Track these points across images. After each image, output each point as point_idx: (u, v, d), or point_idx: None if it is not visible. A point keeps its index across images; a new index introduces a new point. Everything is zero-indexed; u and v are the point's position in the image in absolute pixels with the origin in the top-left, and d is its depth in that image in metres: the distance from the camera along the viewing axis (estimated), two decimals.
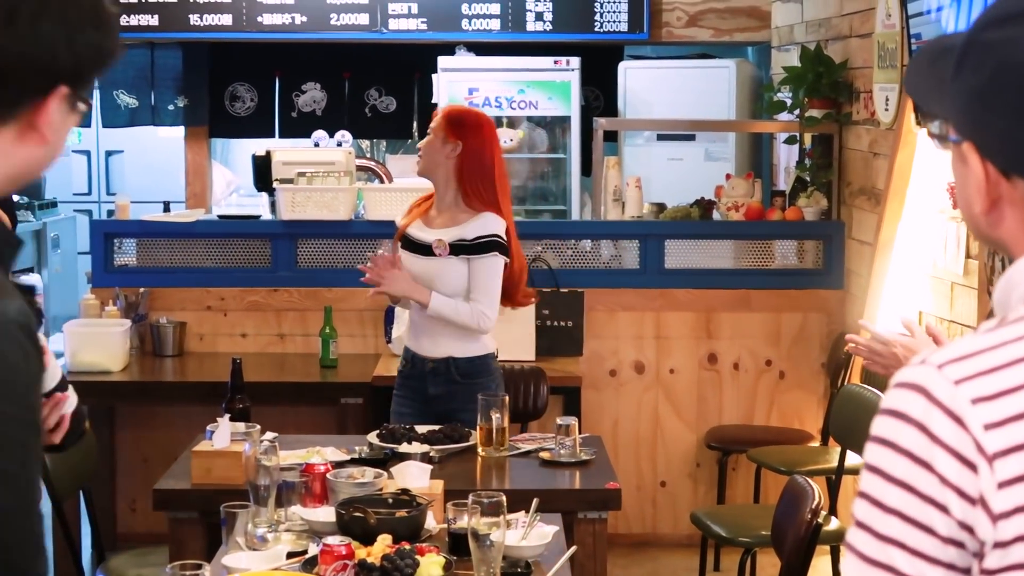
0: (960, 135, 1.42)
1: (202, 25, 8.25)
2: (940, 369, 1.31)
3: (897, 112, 5.68)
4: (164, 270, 6.48)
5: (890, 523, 1.31)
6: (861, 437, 5.05)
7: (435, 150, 4.79)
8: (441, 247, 4.74)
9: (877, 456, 1.33)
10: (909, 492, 1.30)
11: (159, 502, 4.12)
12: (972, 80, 1.39)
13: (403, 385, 4.92)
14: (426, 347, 4.83)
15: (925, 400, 1.30)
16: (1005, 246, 1.44)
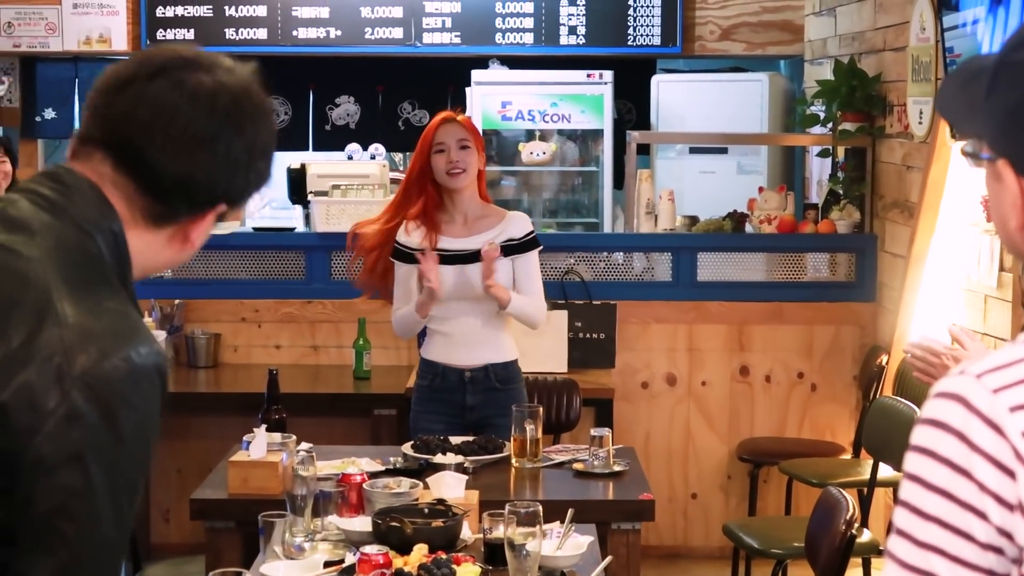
0: (995, 153, 1.45)
1: (237, 39, 8.30)
2: (979, 379, 1.34)
3: (931, 125, 5.69)
4: (199, 282, 6.53)
5: (930, 530, 1.33)
6: (895, 449, 5.07)
7: (475, 162, 4.84)
8: (493, 250, 4.77)
9: (917, 465, 1.36)
10: (949, 499, 1.32)
11: (196, 511, 4.15)
12: (1005, 99, 1.42)
13: (432, 399, 4.90)
14: (462, 357, 4.85)
15: (964, 409, 1.33)
16: None
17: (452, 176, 4.81)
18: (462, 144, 4.81)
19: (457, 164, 4.79)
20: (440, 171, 4.82)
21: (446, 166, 4.80)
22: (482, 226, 4.87)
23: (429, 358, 4.94)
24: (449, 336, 4.89)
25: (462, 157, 4.80)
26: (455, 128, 4.84)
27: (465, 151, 4.81)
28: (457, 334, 4.86)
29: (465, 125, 4.88)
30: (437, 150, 4.82)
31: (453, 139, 4.80)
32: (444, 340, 4.90)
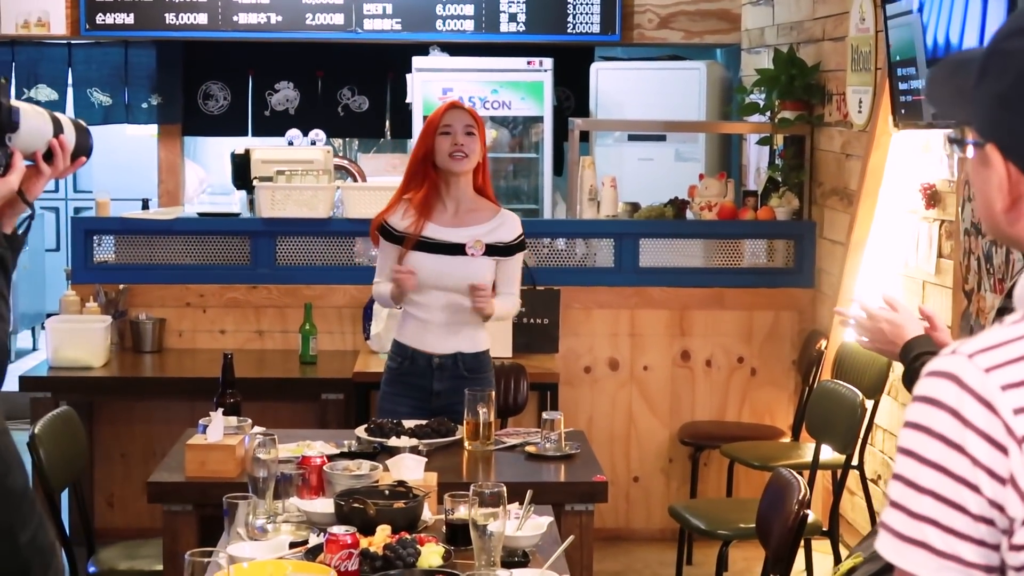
0: (983, 138, 1.52)
1: (177, 24, 8.29)
2: (971, 358, 1.40)
3: (871, 114, 5.80)
4: (144, 267, 6.53)
5: (924, 502, 1.40)
6: (836, 432, 5.18)
7: (479, 149, 4.86)
8: (478, 248, 4.81)
9: (911, 440, 1.42)
10: (942, 473, 1.39)
11: (154, 495, 4.17)
12: (996, 86, 1.49)
13: (398, 382, 4.93)
14: (433, 343, 4.89)
15: (957, 387, 1.39)
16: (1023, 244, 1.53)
17: (455, 159, 4.81)
18: (468, 130, 4.82)
19: (461, 148, 4.80)
20: (443, 153, 4.82)
21: (450, 148, 4.81)
22: (472, 219, 4.89)
23: (401, 341, 4.96)
24: (423, 322, 4.90)
25: (467, 142, 4.81)
26: (462, 114, 4.87)
27: (470, 137, 4.82)
28: (431, 321, 4.89)
29: (471, 113, 4.90)
30: (443, 132, 4.83)
31: (460, 123, 4.82)
32: (418, 325, 4.92)
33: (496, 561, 3.15)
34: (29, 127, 2.41)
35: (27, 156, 2.40)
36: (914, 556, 1.40)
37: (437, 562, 3.16)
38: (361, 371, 5.91)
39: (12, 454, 1.70)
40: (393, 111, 9.18)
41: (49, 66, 8.97)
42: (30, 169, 2.43)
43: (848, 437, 5.15)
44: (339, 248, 6.58)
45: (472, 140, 4.83)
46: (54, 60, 9.00)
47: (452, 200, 4.90)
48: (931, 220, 5.37)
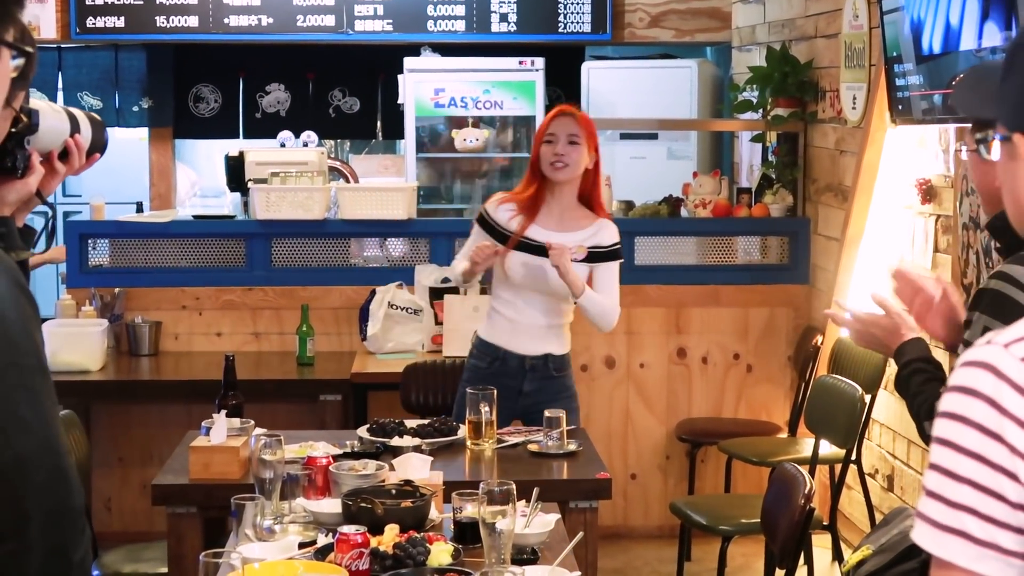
0: (1010, 129, 1.53)
1: (168, 27, 8.29)
2: (1007, 348, 1.41)
3: (865, 110, 5.81)
4: (139, 270, 6.53)
5: (962, 491, 1.40)
6: (835, 427, 5.20)
7: (583, 159, 4.84)
8: (580, 252, 4.82)
9: (948, 430, 1.43)
10: (980, 462, 1.39)
11: (158, 497, 4.16)
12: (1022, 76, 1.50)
13: (487, 380, 4.85)
14: (525, 345, 4.91)
15: (994, 377, 1.40)
16: None
17: (555, 168, 4.82)
18: (571, 139, 4.81)
19: (561, 158, 4.80)
20: (545, 161, 4.83)
21: (551, 157, 4.82)
22: (573, 225, 4.89)
23: (491, 341, 4.98)
24: (515, 323, 4.92)
25: (568, 152, 4.80)
26: (568, 122, 4.85)
27: (573, 147, 4.81)
28: (523, 322, 4.91)
29: (580, 121, 4.87)
30: (547, 140, 4.84)
31: (563, 132, 4.82)
32: (509, 326, 4.93)
33: (506, 559, 3.16)
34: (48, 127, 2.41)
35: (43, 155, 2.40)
36: (952, 545, 1.41)
37: (447, 561, 3.17)
38: (359, 372, 5.92)
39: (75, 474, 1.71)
40: (384, 112, 9.19)
41: (39, 70, 8.76)
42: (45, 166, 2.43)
43: (848, 432, 5.17)
44: (335, 249, 6.58)
45: (575, 149, 4.81)
46: (44, 64, 8.97)
47: (557, 204, 4.90)
48: (927, 215, 5.39)
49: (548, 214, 4.90)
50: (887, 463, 5.86)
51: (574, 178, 4.87)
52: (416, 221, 6.67)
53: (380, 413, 5.39)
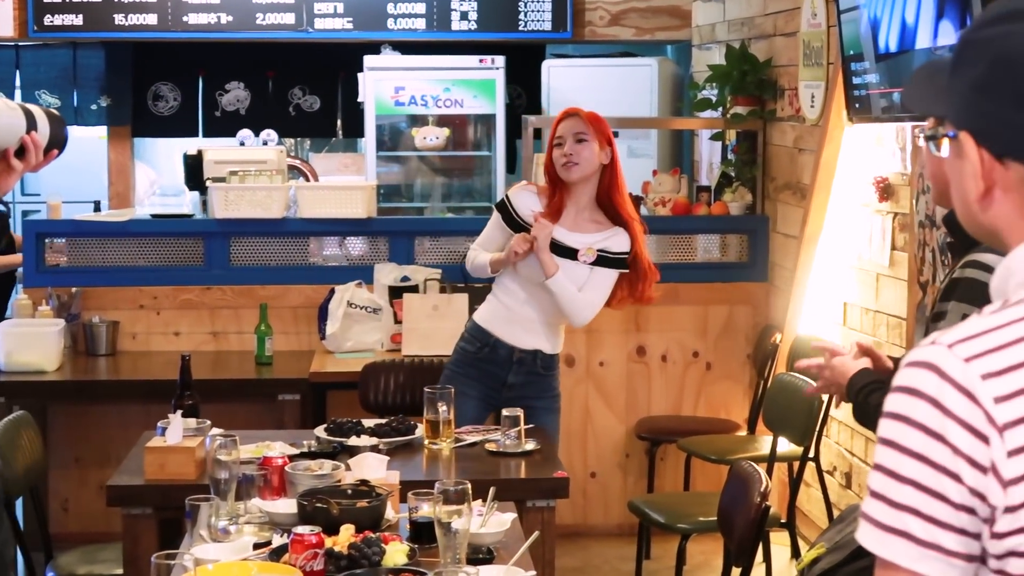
0: (957, 126, 1.54)
1: (127, 25, 8.24)
2: (951, 348, 1.41)
3: (823, 109, 5.83)
4: (97, 269, 6.49)
5: (905, 492, 1.40)
6: (793, 425, 5.21)
7: (595, 156, 4.84)
8: (590, 254, 4.82)
9: (892, 430, 1.43)
10: (924, 463, 1.39)
11: (113, 498, 4.14)
12: (970, 73, 1.51)
13: (474, 366, 4.93)
14: (518, 337, 4.92)
15: (938, 377, 1.40)
16: (997, 233, 1.54)
17: (566, 169, 4.82)
18: (579, 137, 4.82)
19: (571, 157, 4.80)
20: (557, 164, 4.84)
21: (561, 159, 4.82)
22: (588, 227, 4.89)
23: (484, 326, 4.97)
24: (512, 312, 4.92)
25: (576, 150, 4.80)
26: (573, 121, 4.86)
27: (581, 144, 4.81)
28: (521, 314, 4.91)
29: (586, 119, 4.87)
30: (556, 143, 4.85)
31: (570, 132, 4.83)
32: (506, 314, 4.94)
33: (462, 558, 3.15)
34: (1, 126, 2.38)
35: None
36: (896, 545, 1.41)
37: (402, 560, 3.16)
38: (317, 371, 5.90)
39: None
40: (345, 111, 9.17)
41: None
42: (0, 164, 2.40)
43: (805, 429, 5.19)
44: (294, 248, 6.56)
45: (584, 147, 4.81)
46: (1, 62, 8.93)
47: (573, 205, 4.89)
48: (884, 213, 5.41)
49: (565, 214, 4.90)
50: (845, 460, 5.88)
51: (588, 176, 4.86)
52: (375, 220, 6.66)
53: (339, 412, 5.37)
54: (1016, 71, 1.47)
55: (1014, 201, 1.51)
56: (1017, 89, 1.47)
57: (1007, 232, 1.53)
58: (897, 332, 5.29)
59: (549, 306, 4.91)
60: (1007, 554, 1.39)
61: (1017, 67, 1.47)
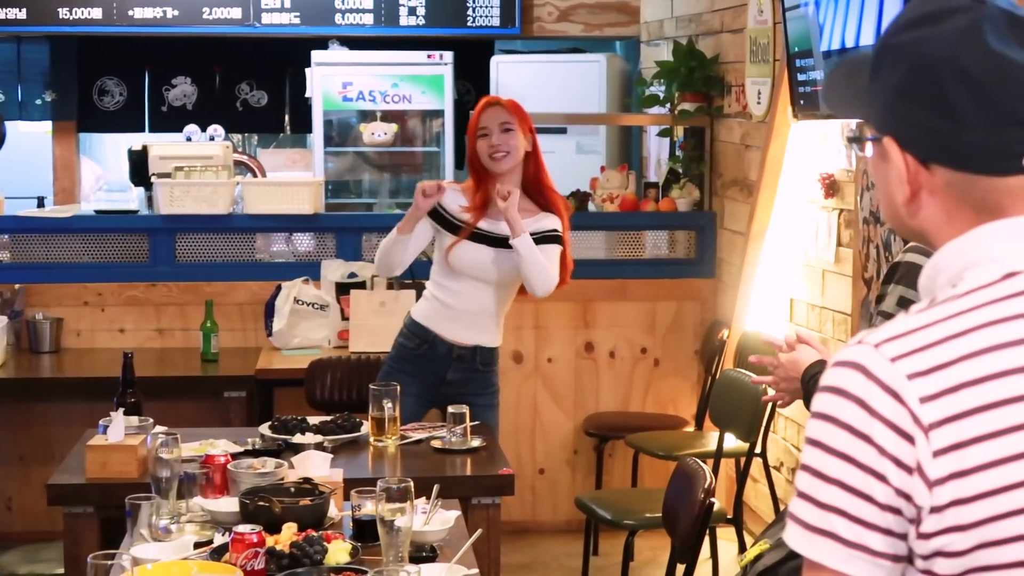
0: (880, 132, 1.54)
1: (71, 19, 8.17)
2: (877, 348, 1.41)
3: (770, 105, 5.84)
4: (40, 266, 6.43)
5: (832, 492, 1.40)
6: (739, 420, 5.22)
7: (521, 144, 4.81)
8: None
9: (818, 430, 1.42)
10: (850, 463, 1.39)
11: (54, 497, 4.10)
12: (890, 78, 1.51)
13: (411, 362, 4.89)
14: (456, 333, 4.88)
15: (864, 377, 1.40)
16: (925, 235, 1.54)
17: (495, 160, 4.78)
18: (505, 127, 4.78)
19: (499, 148, 4.77)
20: (484, 156, 4.79)
21: (488, 150, 4.78)
22: None
23: (422, 323, 4.92)
24: (450, 309, 4.88)
25: (504, 140, 4.77)
26: (497, 111, 4.82)
27: (508, 134, 4.78)
28: (458, 309, 4.87)
29: (509, 108, 4.84)
30: (481, 135, 4.80)
31: (495, 122, 4.78)
32: (444, 311, 4.89)
33: (404, 557, 3.13)
34: None
35: None
36: (822, 546, 1.40)
37: (344, 559, 3.14)
38: (264, 368, 5.87)
39: None
40: (292, 106, 9.12)
41: None
42: None
43: (751, 425, 5.19)
44: (240, 244, 6.52)
45: (511, 136, 4.78)
46: None
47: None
48: (830, 209, 5.42)
49: (492, 205, 4.86)
50: (792, 456, 5.90)
51: (516, 166, 4.85)
52: (322, 216, 6.63)
53: (286, 410, 5.35)
54: (936, 75, 1.47)
55: (940, 204, 1.51)
56: (938, 94, 1.47)
57: (935, 235, 1.53)
58: (843, 328, 5.31)
59: (486, 299, 4.89)
60: (934, 554, 1.39)
61: (937, 71, 1.47)
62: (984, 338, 1.40)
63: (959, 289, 1.46)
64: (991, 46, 1.45)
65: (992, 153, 1.47)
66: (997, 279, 1.45)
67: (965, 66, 1.45)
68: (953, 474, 1.37)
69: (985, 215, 1.49)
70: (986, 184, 1.48)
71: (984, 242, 1.47)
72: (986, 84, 1.45)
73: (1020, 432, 1.38)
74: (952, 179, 1.49)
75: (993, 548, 1.38)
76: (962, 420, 1.37)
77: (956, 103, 1.46)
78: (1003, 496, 1.37)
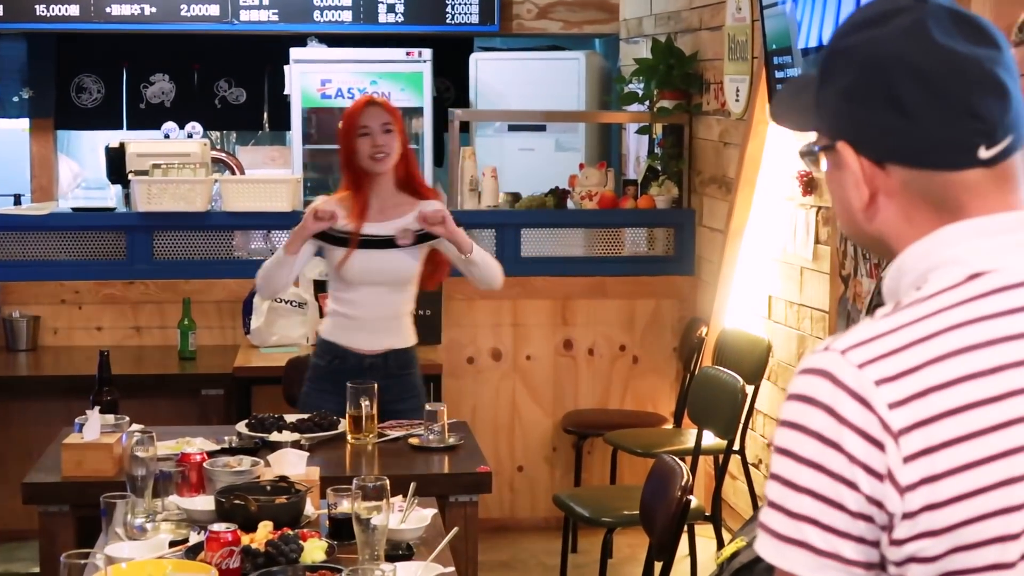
0: (833, 137, 1.52)
1: (48, 15, 8.13)
2: (844, 354, 1.40)
3: (748, 103, 5.85)
4: (17, 263, 6.40)
5: (803, 502, 1.39)
6: (717, 418, 5.22)
7: (398, 146, 4.77)
8: (407, 236, 4.74)
9: (787, 439, 1.41)
10: (820, 471, 1.38)
11: (29, 496, 4.08)
12: (841, 82, 1.50)
13: (327, 379, 4.81)
14: (364, 341, 4.80)
15: (831, 384, 1.39)
16: (884, 241, 1.52)
17: (376, 161, 4.73)
18: (386, 128, 4.73)
19: (382, 148, 4.72)
20: (364, 155, 4.73)
21: (371, 150, 4.72)
22: (396, 212, 4.80)
23: (330, 339, 4.85)
24: (353, 319, 4.81)
25: (387, 141, 4.72)
26: (378, 111, 4.77)
27: (389, 134, 4.73)
28: (361, 318, 4.80)
29: (387, 108, 4.81)
30: (361, 133, 4.73)
31: (377, 122, 4.73)
32: (347, 323, 4.82)
33: (380, 555, 3.12)
34: None
35: None
36: (794, 556, 1.39)
37: (320, 557, 3.13)
38: (241, 366, 5.86)
39: None
40: (271, 103, 9.09)
41: None
42: None
43: (729, 422, 5.20)
44: (217, 242, 6.50)
45: (391, 137, 4.74)
46: None
47: (376, 197, 4.81)
48: (808, 207, 5.43)
49: (369, 207, 4.82)
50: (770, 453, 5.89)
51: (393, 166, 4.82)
52: (300, 213, 6.53)
53: (264, 408, 5.34)
54: (886, 74, 1.46)
55: (898, 205, 1.50)
56: (889, 92, 1.46)
57: (894, 238, 1.51)
58: (821, 325, 5.32)
59: (386, 302, 4.81)
60: (907, 560, 1.38)
61: (886, 70, 1.46)
62: (951, 341, 1.39)
63: (924, 292, 1.44)
64: (938, 40, 1.45)
65: (947, 146, 1.46)
66: (962, 280, 1.44)
67: (914, 62, 1.45)
68: (924, 479, 1.36)
69: (945, 213, 1.47)
70: (943, 180, 1.47)
71: (947, 243, 1.46)
72: (936, 78, 1.44)
73: (990, 435, 1.37)
74: (909, 178, 1.48)
75: (967, 552, 1.37)
76: (931, 424, 1.36)
77: (908, 100, 1.45)
78: (975, 499, 1.36)
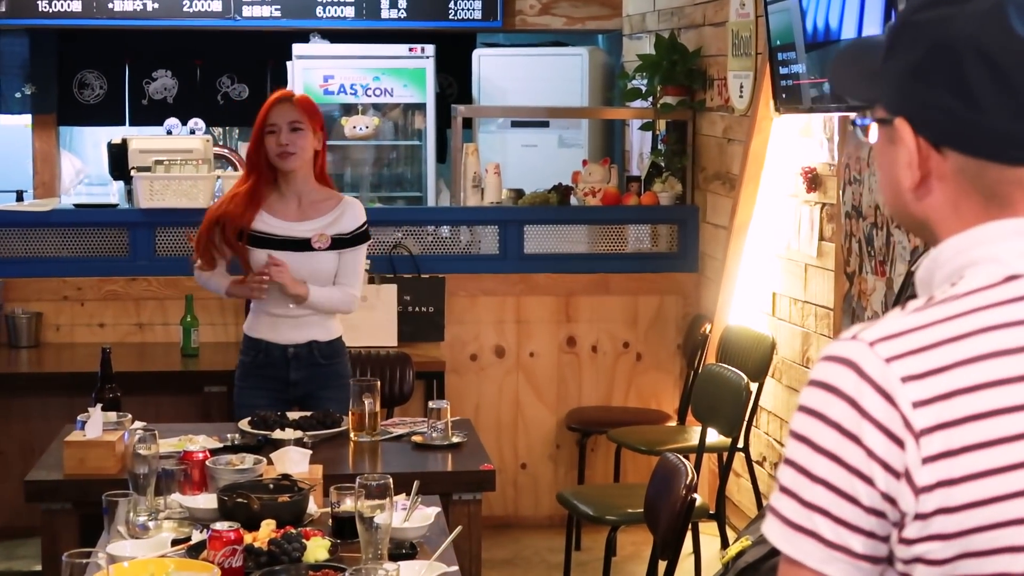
0: (892, 112, 1.49)
1: (51, 11, 8.12)
2: (872, 346, 1.37)
3: (752, 99, 5.83)
4: (19, 260, 6.38)
5: (816, 491, 1.37)
6: (721, 415, 5.20)
7: (310, 144, 4.75)
8: (323, 240, 4.74)
9: (806, 426, 1.39)
10: (836, 463, 1.36)
11: (31, 493, 4.06)
12: (908, 57, 1.46)
13: (253, 375, 4.87)
14: (286, 334, 4.83)
15: (856, 376, 1.36)
16: (928, 224, 1.49)
17: (282, 159, 4.72)
18: (294, 126, 4.70)
19: (287, 147, 4.70)
20: (271, 152, 4.73)
21: (276, 148, 4.71)
22: (316, 211, 4.81)
23: (253, 336, 4.90)
24: (275, 317, 4.84)
25: (292, 140, 4.70)
26: (288, 109, 4.73)
27: (297, 133, 4.70)
28: (283, 314, 4.82)
29: (299, 105, 4.76)
30: (269, 131, 4.72)
31: (284, 120, 4.70)
32: (267, 318, 4.86)
33: (383, 554, 3.11)
34: None
35: None
36: (803, 545, 1.38)
37: (323, 556, 3.11)
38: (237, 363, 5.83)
39: None
40: None
41: None
42: None
43: (733, 420, 5.18)
44: None
45: (299, 136, 4.71)
46: None
47: (293, 194, 4.80)
48: (812, 203, 5.41)
49: (285, 205, 4.81)
50: (775, 451, 5.89)
51: (303, 165, 4.78)
52: None
53: None
54: (956, 57, 1.42)
55: (948, 191, 1.47)
56: (958, 77, 1.42)
57: (938, 224, 1.48)
58: (825, 322, 5.30)
59: None
60: (914, 560, 1.37)
61: (957, 53, 1.42)
62: (982, 343, 1.36)
63: (959, 289, 1.41)
64: (1015, 31, 1.41)
65: (1008, 141, 1.42)
66: (998, 281, 1.41)
67: (987, 49, 1.41)
68: (941, 482, 1.34)
69: (993, 207, 1.44)
70: (997, 173, 1.44)
71: (987, 241, 1.43)
72: (1007, 70, 1.41)
73: (1012, 444, 1.34)
74: (964, 165, 1.45)
75: (975, 559, 1.35)
76: (954, 428, 1.34)
77: (975, 87, 1.41)
78: (990, 507, 1.34)
